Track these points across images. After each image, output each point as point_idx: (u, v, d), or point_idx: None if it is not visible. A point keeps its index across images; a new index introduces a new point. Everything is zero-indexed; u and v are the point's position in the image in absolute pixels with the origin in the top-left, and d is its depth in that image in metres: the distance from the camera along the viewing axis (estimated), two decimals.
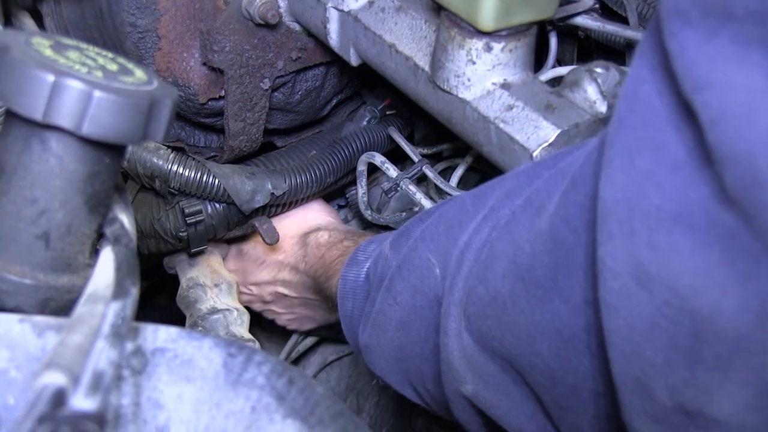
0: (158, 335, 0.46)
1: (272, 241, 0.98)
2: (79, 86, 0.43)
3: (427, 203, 0.92)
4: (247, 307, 1.05)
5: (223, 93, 0.95)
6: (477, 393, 0.60)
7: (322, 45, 0.95)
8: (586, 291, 0.49)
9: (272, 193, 0.97)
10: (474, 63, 0.71)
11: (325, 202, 1.11)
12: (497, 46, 0.70)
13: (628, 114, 0.43)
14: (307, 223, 1.03)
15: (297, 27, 0.95)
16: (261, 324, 1.20)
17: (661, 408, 0.43)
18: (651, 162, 0.41)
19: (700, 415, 0.41)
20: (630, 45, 0.92)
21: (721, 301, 0.38)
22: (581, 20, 0.90)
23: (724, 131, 0.36)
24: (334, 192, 1.12)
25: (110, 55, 0.49)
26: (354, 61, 0.89)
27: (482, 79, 0.72)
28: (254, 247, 1.07)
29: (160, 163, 0.92)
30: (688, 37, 0.38)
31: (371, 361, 0.75)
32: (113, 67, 0.47)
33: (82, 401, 0.36)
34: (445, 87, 0.74)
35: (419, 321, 0.66)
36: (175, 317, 1.05)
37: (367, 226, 1.15)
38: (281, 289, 1.04)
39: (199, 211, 0.97)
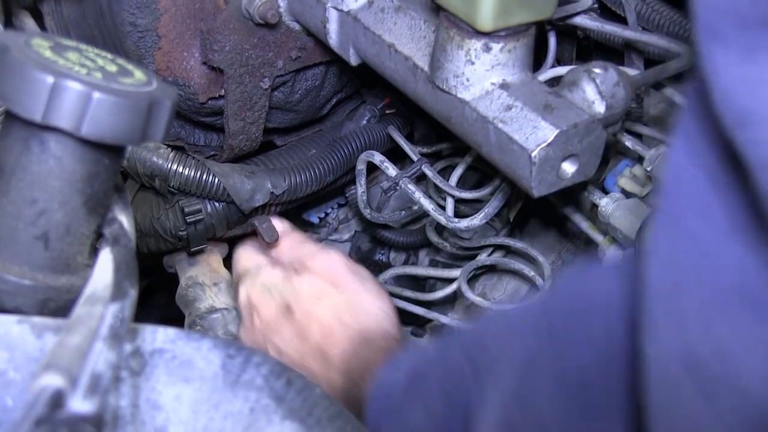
0: (157, 336, 0.47)
1: (271, 239, 0.98)
2: (78, 87, 0.43)
3: (426, 202, 0.92)
4: None
5: (222, 92, 0.95)
6: None
7: (322, 44, 0.95)
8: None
9: (272, 192, 0.97)
10: (473, 63, 0.71)
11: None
12: (496, 47, 0.70)
13: (667, 192, 0.37)
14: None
15: (297, 26, 0.95)
16: None
17: None
18: (698, 228, 0.35)
19: None
20: (629, 45, 0.92)
21: None
22: (580, 20, 0.90)
23: None
24: (334, 191, 1.12)
25: (110, 56, 0.49)
26: (353, 60, 0.89)
27: (481, 79, 0.72)
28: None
29: (160, 162, 0.92)
30: (720, 57, 0.30)
31: None
32: (112, 68, 0.47)
33: (80, 403, 0.37)
34: (444, 87, 0.74)
35: None
36: (174, 316, 1.05)
37: (367, 224, 1.15)
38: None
39: (199, 210, 0.97)
